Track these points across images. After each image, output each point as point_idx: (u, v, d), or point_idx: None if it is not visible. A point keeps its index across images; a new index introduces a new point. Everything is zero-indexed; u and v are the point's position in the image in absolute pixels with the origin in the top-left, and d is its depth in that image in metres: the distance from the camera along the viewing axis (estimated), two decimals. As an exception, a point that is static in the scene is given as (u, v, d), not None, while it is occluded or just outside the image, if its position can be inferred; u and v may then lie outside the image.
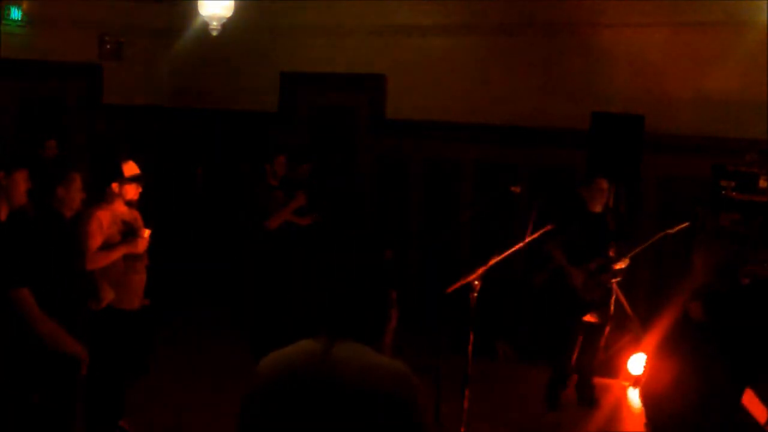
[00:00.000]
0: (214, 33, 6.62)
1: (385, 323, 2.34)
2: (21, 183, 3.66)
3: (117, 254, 4.61)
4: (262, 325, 6.24)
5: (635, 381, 6.28)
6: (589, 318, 5.90)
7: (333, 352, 2.22)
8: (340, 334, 2.26)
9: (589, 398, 6.02)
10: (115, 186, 4.69)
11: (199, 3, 6.44)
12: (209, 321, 7.41)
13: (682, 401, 2.10)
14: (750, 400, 4.19)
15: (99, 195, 4.63)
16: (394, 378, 2.22)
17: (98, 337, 4.29)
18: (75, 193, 4.12)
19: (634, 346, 6.40)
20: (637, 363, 6.35)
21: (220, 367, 6.25)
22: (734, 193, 5.94)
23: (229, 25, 6.72)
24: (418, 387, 2.24)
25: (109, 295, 4.47)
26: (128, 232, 4.71)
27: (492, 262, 4.84)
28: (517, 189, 5.62)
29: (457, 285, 4.81)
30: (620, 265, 5.89)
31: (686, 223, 5.75)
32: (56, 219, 4.02)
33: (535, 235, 5.17)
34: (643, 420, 5.03)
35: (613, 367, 6.52)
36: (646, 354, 5.78)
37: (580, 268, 5.80)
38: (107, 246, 4.58)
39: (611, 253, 5.88)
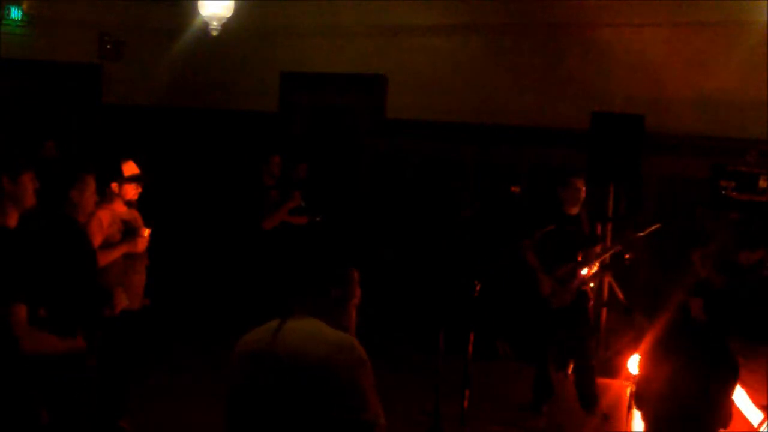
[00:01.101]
0: (214, 33, 6.62)
1: (340, 299, 2.41)
2: (29, 184, 3.61)
3: (117, 254, 4.62)
4: (256, 322, 6.22)
5: (634, 380, 6.28)
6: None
7: (284, 327, 2.34)
8: (294, 310, 2.39)
9: (589, 399, 5.99)
10: (114, 186, 4.69)
11: (199, 3, 6.44)
12: (209, 321, 7.41)
13: (680, 400, 2.11)
14: (744, 403, 4.19)
15: (99, 195, 4.63)
16: (333, 345, 2.28)
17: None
18: (89, 197, 4.08)
19: (634, 346, 6.39)
20: (636, 363, 6.34)
21: (220, 367, 6.24)
22: (734, 193, 5.93)
23: (229, 25, 6.72)
24: (359, 355, 2.29)
25: (122, 301, 4.46)
26: (128, 232, 4.72)
27: None
28: (517, 189, 5.62)
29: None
30: (589, 272, 5.73)
31: (658, 225, 5.67)
32: (71, 226, 3.98)
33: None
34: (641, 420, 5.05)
35: (613, 367, 6.52)
36: (642, 353, 5.77)
37: (549, 275, 5.64)
38: (107, 245, 4.58)
39: (579, 258, 5.72)
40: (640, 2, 6.84)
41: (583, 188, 5.74)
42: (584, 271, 5.71)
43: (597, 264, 5.79)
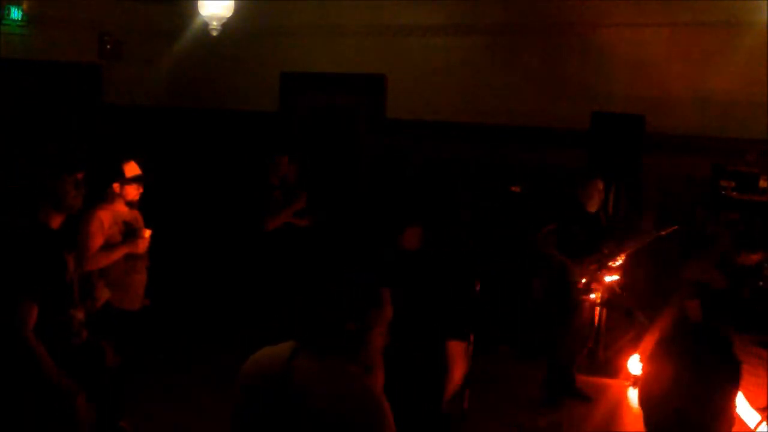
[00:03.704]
0: (214, 33, 6.62)
1: (358, 333, 2.23)
2: (70, 187, 3.67)
3: (118, 254, 4.61)
4: (257, 323, 6.22)
5: (635, 381, 6.29)
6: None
7: (298, 359, 2.19)
8: (305, 341, 2.23)
9: (579, 393, 6.07)
10: (116, 186, 4.69)
11: (199, 3, 6.44)
12: (209, 321, 7.41)
13: (681, 403, 2.11)
14: (741, 405, 4.20)
15: (100, 195, 4.63)
16: (352, 402, 2.15)
17: (99, 337, 4.30)
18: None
19: (634, 346, 6.40)
20: (637, 363, 6.35)
21: (220, 367, 6.25)
22: (734, 193, 5.95)
23: (229, 25, 6.72)
24: (380, 414, 2.15)
25: (104, 295, 4.47)
26: (129, 233, 4.72)
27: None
28: (517, 189, 5.64)
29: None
30: (615, 263, 5.92)
31: (676, 226, 5.76)
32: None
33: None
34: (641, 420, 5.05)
35: (613, 367, 6.53)
36: (643, 354, 5.80)
37: (580, 267, 5.84)
38: (108, 246, 4.58)
39: (605, 251, 5.92)
40: (640, 2, 6.85)
41: (603, 188, 5.99)
42: (614, 263, 5.89)
43: (622, 256, 5.91)
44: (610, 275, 5.95)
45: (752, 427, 4.84)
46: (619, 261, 5.93)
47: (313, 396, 2.13)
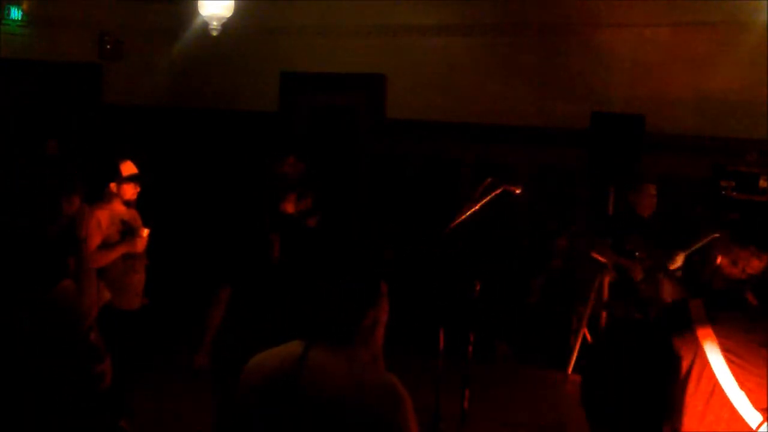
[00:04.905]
0: (214, 33, 6.62)
1: (362, 326, 2.24)
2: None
3: (116, 253, 4.62)
4: (256, 324, 6.21)
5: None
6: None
7: (308, 359, 2.18)
8: (315, 338, 2.22)
9: None
10: (113, 186, 4.69)
11: (199, 3, 6.44)
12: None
13: (625, 397, 2.13)
14: (743, 405, 4.19)
15: (97, 194, 4.63)
16: (373, 391, 2.15)
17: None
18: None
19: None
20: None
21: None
22: (734, 193, 5.94)
23: (229, 25, 6.72)
24: (400, 398, 2.17)
25: (105, 296, 4.47)
26: (127, 232, 4.72)
27: None
28: (517, 189, 5.61)
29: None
30: (675, 265, 5.77)
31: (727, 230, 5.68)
32: None
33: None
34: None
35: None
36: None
37: (640, 267, 5.78)
38: (106, 245, 4.58)
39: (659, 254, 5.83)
40: (640, 2, 6.85)
41: (656, 193, 5.93)
42: (673, 266, 5.77)
43: (682, 257, 5.76)
44: (666, 277, 5.81)
45: (754, 427, 4.82)
46: (678, 264, 5.76)
47: (334, 388, 2.14)
